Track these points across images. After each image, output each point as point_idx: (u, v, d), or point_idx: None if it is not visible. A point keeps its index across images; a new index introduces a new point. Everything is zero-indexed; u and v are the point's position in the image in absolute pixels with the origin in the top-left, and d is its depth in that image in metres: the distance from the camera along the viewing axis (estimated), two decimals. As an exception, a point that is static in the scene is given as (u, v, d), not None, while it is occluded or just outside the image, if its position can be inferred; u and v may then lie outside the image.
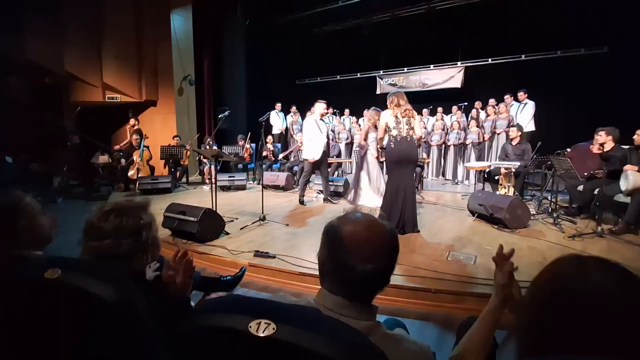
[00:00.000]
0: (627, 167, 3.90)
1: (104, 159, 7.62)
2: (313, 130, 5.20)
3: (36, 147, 6.89)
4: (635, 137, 3.98)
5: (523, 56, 8.50)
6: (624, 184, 3.79)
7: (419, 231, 3.88)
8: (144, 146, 7.13)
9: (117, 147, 7.66)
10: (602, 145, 4.43)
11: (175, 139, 7.69)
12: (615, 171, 3.98)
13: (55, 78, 7.42)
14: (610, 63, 7.46)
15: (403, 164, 3.79)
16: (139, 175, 6.76)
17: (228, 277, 2.39)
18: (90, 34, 7.75)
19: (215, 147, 7.12)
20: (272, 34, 10.65)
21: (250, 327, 0.55)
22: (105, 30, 7.87)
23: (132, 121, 7.69)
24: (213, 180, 4.54)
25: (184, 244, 3.48)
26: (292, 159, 7.87)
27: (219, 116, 4.96)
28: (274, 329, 0.55)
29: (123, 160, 7.08)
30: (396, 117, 3.76)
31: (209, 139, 7.33)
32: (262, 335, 0.55)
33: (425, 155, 7.36)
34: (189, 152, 7.62)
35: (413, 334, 2.16)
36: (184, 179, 7.74)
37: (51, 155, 7.13)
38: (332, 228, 0.84)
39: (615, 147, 4.36)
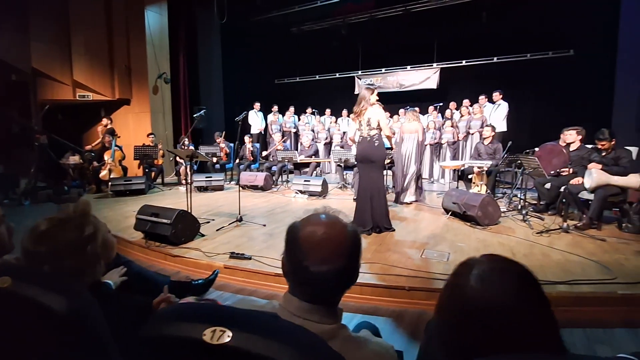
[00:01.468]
0: (591, 165, 4.09)
1: (74, 159, 7.34)
2: None
3: (1, 147, 6.56)
4: (598, 145, 4.16)
5: (495, 58, 8.79)
6: (588, 181, 3.96)
7: (394, 230, 3.93)
8: (117, 146, 6.92)
9: (88, 147, 7.39)
10: (569, 144, 4.65)
11: (150, 136, 7.50)
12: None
13: (22, 75, 7.08)
14: (576, 65, 7.83)
15: (364, 164, 3.85)
16: (112, 176, 6.55)
17: (199, 281, 2.35)
18: (58, 29, 7.43)
19: (191, 147, 6.99)
20: (250, 33, 10.55)
21: (205, 335, 0.55)
22: (74, 26, 7.57)
23: (104, 120, 7.44)
24: (189, 180, 4.46)
25: (157, 247, 3.40)
26: (270, 159, 7.82)
27: (195, 115, 4.85)
28: (229, 336, 0.55)
29: (95, 162, 6.85)
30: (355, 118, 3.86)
31: (184, 139, 7.17)
32: (216, 343, 0.54)
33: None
34: (162, 152, 7.44)
35: (386, 332, 2.20)
36: (159, 180, 7.55)
37: (17, 156, 6.80)
38: (293, 228, 0.85)
39: (580, 147, 4.59)
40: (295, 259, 0.81)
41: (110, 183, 6.40)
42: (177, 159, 7.70)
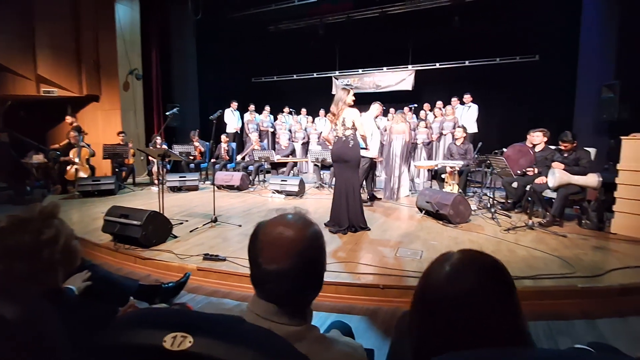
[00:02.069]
0: (554, 164, 4.29)
1: (38, 158, 6.97)
2: (374, 128, 5.24)
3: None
4: (560, 147, 4.37)
5: (467, 62, 9.10)
6: (551, 181, 4.16)
7: (369, 229, 3.99)
8: (83, 143, 6.62)
9: (55, 145, 7.04)
10: (535, 145, 4.86)
11: (121, 135, 7.23)
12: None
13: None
14: (541, 70, 8.23)
15: (339, 164, 3.90)
16: (79, 176, 6.26)
17: (170, 284, 2.28)
18: (22, 21, 7.04)
19: (164, 146, 6.80)
20: (226, 30, 10.37)
21: (165, 341, 0.54)
22: (39, 18, 7.19)
23: (68, 118, 7.10)
24: (161, 180, 4.34)
25: (126, 249, 3.29)
26: (247, 159, 7.73)
27: (167, 113, 4.72)
28: (190, 342, 0.54)
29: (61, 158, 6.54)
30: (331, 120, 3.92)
31: (157, 137, 6.96)
32: (177, 349, 0.53)
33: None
34: (133, 151, 7.20)
35: (360, 331, 2.23)
36: (130, 180, 7.30)
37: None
38: (257, 226, 0.85)
39: (545, 147, 4.82)
40: (252, 255, 0.82)
41: (77, 183, 6.12)
42: (149, 158, 7.47)
